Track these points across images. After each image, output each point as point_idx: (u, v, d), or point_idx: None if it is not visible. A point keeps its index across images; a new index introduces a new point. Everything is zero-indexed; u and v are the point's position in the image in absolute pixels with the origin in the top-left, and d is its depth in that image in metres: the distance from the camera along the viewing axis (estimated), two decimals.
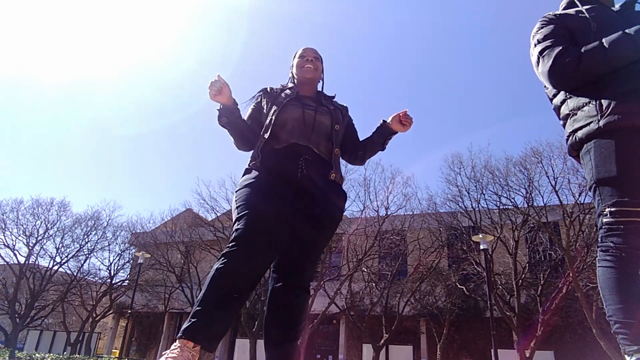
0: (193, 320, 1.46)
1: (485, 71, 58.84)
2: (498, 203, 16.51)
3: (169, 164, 62.75)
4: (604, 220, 1.48)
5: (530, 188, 15.73)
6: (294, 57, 2.16)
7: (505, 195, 16.29)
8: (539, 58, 1.71)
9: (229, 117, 1.88)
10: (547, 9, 2.11)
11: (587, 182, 1.60)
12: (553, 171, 15.09)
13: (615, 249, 1.45)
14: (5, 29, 47.15)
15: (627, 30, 1.53)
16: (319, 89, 2.18)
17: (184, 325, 1.47)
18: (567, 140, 1.70)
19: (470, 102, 55.00)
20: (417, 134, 57.96)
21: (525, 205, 15.81)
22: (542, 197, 15.83)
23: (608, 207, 1.47)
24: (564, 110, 1.71)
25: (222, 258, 1.56)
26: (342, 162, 2.12)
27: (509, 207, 16.25)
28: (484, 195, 16.70)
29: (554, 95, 1.80)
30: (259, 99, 2.08)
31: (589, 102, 1.59)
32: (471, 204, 16.90)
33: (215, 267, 1.56)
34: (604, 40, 1.55)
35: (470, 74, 58.13)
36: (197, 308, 1.48)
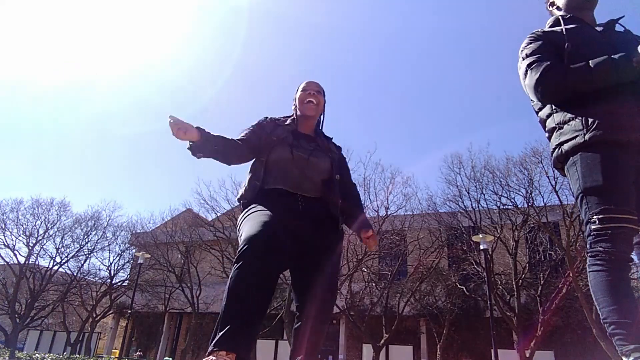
0: (226, 330, 1.46)
1: (485, 71, 58.86)
2: (498, 203, 16.52)
3: (169, 164, 62.78)
4: (592, 227, 1.56)
5: (530, 188, 15.75)
6: (297, 89, 2.17)
7: (505, 195, 16.31)
8: (526, 71, 1.78)
9: (203, 150, 1.81)
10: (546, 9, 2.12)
11: (574, 193, 1.67)
12: (553, 171, 15.07)
13: (605, 253, 1.52)
14: (6, 29, 47.18)
15: (613, 56, 1.60)
16: (319, 120, 2.21)
17: (218, 337, 1.46)
18: (553, 152, 1.77)
19: (471, 102, 55.03)
20: (417, 134, 57.99)
21: (525, 205, 15.82)
22: (542, 197, 15.82)
23: (595, 215, 1.55)
24: (550, 123, 1.78)
25: (237, 263, 1.58)
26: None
27: (509, 207, 16.26)
28: (484, 195, 16.72)
29: (540, 109, 1.86)
30: (260, 126, 2.08)
31: (575, 117, 1.67)
32: (471, 204, 16.92)
33: (232, 274, 1.58)
34: (590, 61, 1.62)
35: (470, 73, 58.15)
36: (228, 317, 1.49)
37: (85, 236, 22.03)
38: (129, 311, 18.05)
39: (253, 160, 2.03)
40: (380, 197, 17.64)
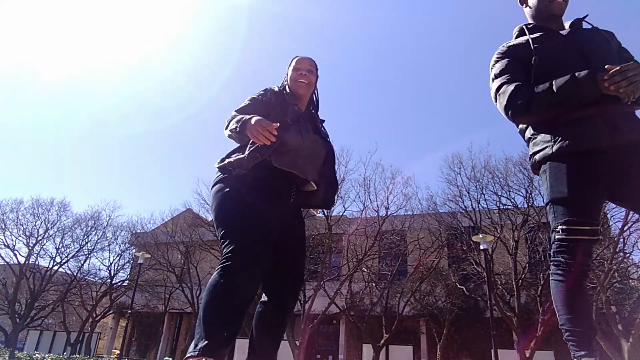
0: (213, 341, 1.44)
1: (485, 71, 58.78)
2: (498, 203, 16.52)
3: (169, 164, 62.78)
4: (556, 236, 1.65)
5: (530, 188, 15.76)
6: (289, 65, 2.11)
7: (505, 195, 16.32)
8: (495, 95, 1.86)
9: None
10: None
11: (544, 200, 1.77)
12: None
13: (565, 264, 1.63)
14: (5, 30, 47.15)
15: (576, 74, 1.63)
16: (313, 99, 2.15)
17: (203, 344, 1.43)
18: (529, 159, 1.86)
19: (471, 102, 55.00)
20: (417, 134, 57.96)
21: (525, 205, 15.82)
22: (542, 197, 15.78)
23: (560, 225, 1.64)
24: (527, 134, 1.87)
25: (223, 269, 1.54)
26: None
27: (509, 207, 16.26)
28: (484, 195, 16.73)
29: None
30: (268, 99, 1.99)
31: (545, 131, 1.76)
32: (471, 204, 16.92)
33: (219, 279, 1.53)
34: (554, 82, 1.66)
35: (470, 73, 58.14)
36: (217, 327, 1.46)
37: (85, 236, 22.07)
38: (129, 311, 18.04)
39: None
40: (381, 197, 17.66)
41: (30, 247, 21.02)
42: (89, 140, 60.15)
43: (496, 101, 1.86)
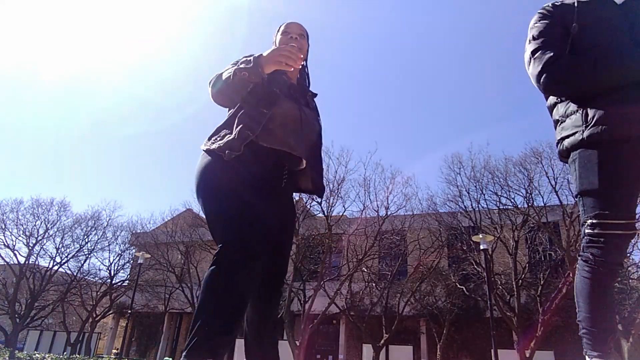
0: (211, 341, 1.35)
1: (485, 71, 58.86)
2: (498, 203, 16.53)
3: (169, 164, 62.79)
4: (586, 231, 1.53)
5: (530, 188, 15.76)
6: (277, 32, 1.93)
7: (505, 195, 16.33)
8: (530, 59, 1.70)
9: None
10: None
11: (573, 192, 1.64)
12: (553, 171, 15.12)
13: (594, 261, 1.51)
14: (5, 30, 47.16)
15: (623, 54, 1.51)
16: (304, 71, 1.97)
17: (196, 344, 1.35)
18: (557, 145, 1.71)
19: (471, 102, 55.01)
20: (417, 134, 57.99)
21: (525, 205, 15.82)
22: (542, 197, 15.81)
23: (590, 219, 1.52)
24: (555, 115, 1.72)
25: (220, 265, 1.43)
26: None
27: (509, 207, 16.26)
28: (484, 195, 16.74)
29: (547, 97, 1.80)
30: None
31: (577, 111, 1.59)
32: (471, 204, 16.93)
33: (217, 275, 1.43)
34: (597, 58, 1.53)
35: (470, 73, 58.15)
36: (217, 328, 1.37)
37: (85, 236, 22.07)
38: (129, 311, 18.04)
39: (238, 106, 1.71)
40: (381, 197, 17.66)
41: (30, 247, 21.03)
42: (89, 140, 60.20)
43: (529, 65, 1.70)
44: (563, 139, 1.64)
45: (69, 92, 58.68)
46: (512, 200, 16.18)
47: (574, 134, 1.58)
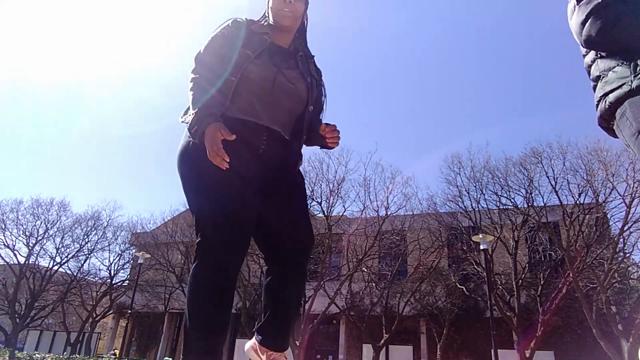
0: (208, 341, 1.37)
1: (485, 71, 58.88)
2: (498, 203, 16.52)
3: (169, 164, 62.76)
4: None
5: (530, 188, 15.75)
6: None
7: (505, 195, 16.32)
8: (575, 7, 1.52)
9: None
10: (546, 9, 2.07)
11: (627, 142, 1.43)
12: (553, 171, 15.11)
13: None
14: (6, 29, 47.18)
15: None
16: (301, 30, 1.79)
17: (195, 345, 1.37)
18: (597, 106, 1.52)
19: (471, 102, 55.03)
20: (417, 133, 58.01)
21: (525, 206, 15.82)
22: (542, 197, 15.80)
23: None
24: (594, 71, 1.53)
25: (193, 275, 1.40)
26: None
27: (509, 207, 16.25)
28: (484, 195, 16.73)
29: (586, 53, 1.61)
30: (226, 39, 1.63)
31: (622, 63, 1.42)
32: (471, 204, 16.92)
33: (192, 282, 1.40)
34: None
35: (470, 74, 58.18)
36: (214, 328, 1.37)
37: (85, 236, 22.06)
38: (129, 311, 18.04)
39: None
40: (380, 197, 17.66)
41: (30, 247, 21.03)
42: (89, 140, 60.21)
43: (572, 14, 1.53)
44: (606, 94, 1.46)
45: (69, 91, 58.70)
46: (512, 200, 16.19)
47: (620, 86, 1.40)
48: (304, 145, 1.73)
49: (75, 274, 21.68)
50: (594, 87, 1.54)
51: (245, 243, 1.45)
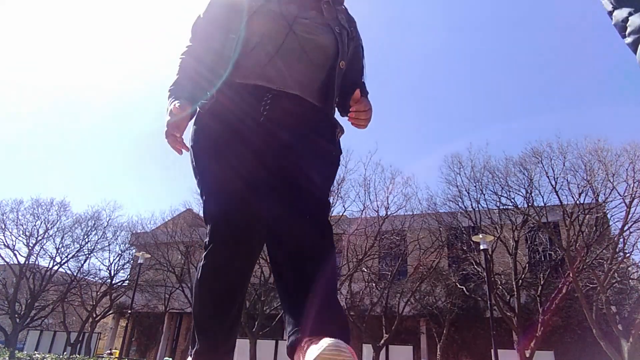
0: (212, 340, 1.32)
1: (485, 71, 58.88)
2: (498, 203, 16.53)
3: (169, 164, 62.77)
4: None
5: (530, 188, 15.75)
6: None
7: (505, 195, 16.32)
8: None
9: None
10: (546, 9, 2.07)
11: None
12: (553, 171, 15.11)
13: None
14: (6, 29, 47.19)
15: None
16: None
17: (197, 348, 1.33)
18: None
19: (471, 102, 55.03)
20: (417, 133, 58.00)
21: (525, 205, 15.82)
22: (542, 197, 15.81)
23: None
24: (636, 20, 1.30)
25: (205, 257, 1.34)
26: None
27: (509, 207, 16.26)
28: (484, 195, 16.74)
29: (613, 9, 1.39)
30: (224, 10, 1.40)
31: None
32: (471, 204, 16.93)
33: (201, 271, 1.33)
34: None
35: (470, 74, 58.19)
36: (217, 325, 1.32)
37: (85, 236, 22.05)
38: (129, 311, 18.05)
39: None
40: (380, 197, 17.67)
41: (30, 247, 21.02)
42: (89, 140, 60.23)
43: None
44: None
45: (69, 91, 58.72)
46: (512, 200, 16.19)
47: None
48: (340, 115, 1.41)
49: (75, 274, 21.68)
50: (634, 45, 1.29)
51: (247, 244, 1.31)
